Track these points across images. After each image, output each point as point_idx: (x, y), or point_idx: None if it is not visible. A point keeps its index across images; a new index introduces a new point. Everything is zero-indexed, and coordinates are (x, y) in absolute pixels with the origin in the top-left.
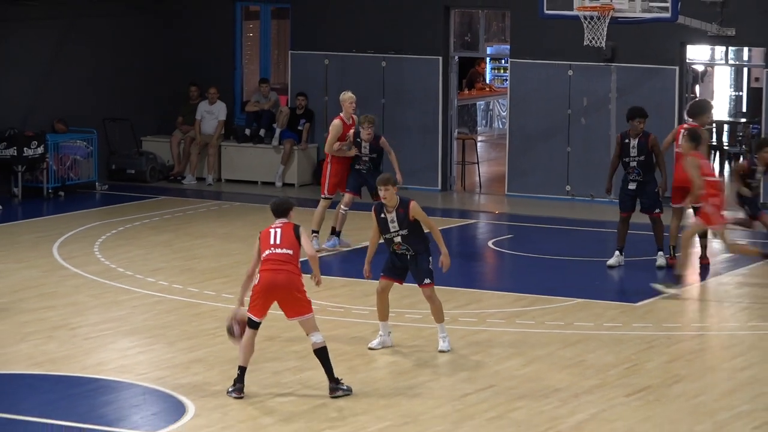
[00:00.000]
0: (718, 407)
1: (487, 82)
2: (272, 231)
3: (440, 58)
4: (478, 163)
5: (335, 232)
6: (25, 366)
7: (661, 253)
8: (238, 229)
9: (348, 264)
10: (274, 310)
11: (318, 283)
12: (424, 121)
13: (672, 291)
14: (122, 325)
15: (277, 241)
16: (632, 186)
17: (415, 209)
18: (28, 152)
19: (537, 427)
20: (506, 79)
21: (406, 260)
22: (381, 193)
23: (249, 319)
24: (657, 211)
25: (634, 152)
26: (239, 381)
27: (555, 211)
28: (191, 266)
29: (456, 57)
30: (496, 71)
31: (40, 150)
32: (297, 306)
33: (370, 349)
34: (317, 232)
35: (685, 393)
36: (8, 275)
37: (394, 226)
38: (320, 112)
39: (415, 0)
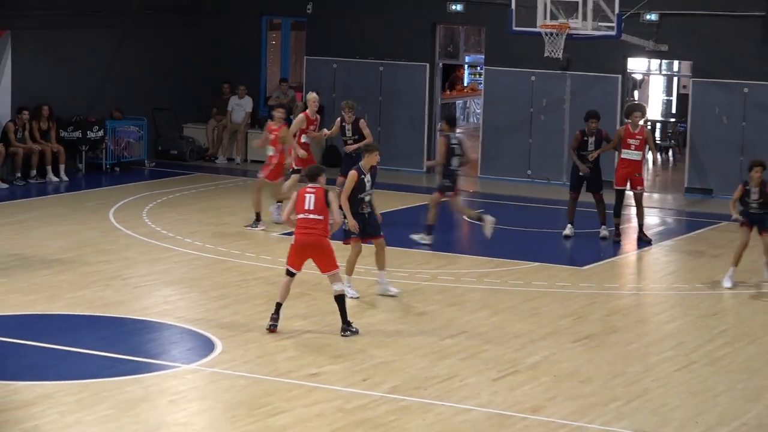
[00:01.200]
0: (647, 352)
1: (465, 85)
2: (307, 196)
3: (427, 64)
4: None
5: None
6: (86, 308)
7: (604, 226)
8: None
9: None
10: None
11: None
12: (413, 116)
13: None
14: (164, 277)
15: (311, 207)
16: (583, 173)
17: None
18: (90, 135)
19: (501, 366)
20: (481, 83)
21: (364, 219)
22: (373, 157)
23: (287, 269)
24: (600, 192)
25: (591, 147)
26: (276, 314)
27: (518, 191)
28: (221, 230)
29: (440, 64)
30: (473, 76)
31: (101, 133)
32: (326, 262)
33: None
34: (281, 202)
35: (621, 341)
36: (73, 235)
37: (369, 186)
38: (329, 106)
39: (408, 17)
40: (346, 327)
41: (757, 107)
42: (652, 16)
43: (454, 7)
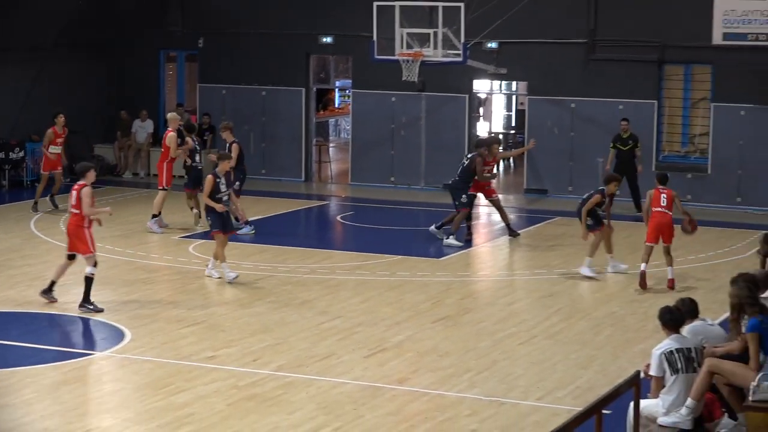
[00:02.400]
0: (495, 330)
1: (336, 105)
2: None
3: (303, 89)
4: (330, 161)
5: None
6: (13, 306)
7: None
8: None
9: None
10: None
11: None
12: (292, 133)
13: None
14: (80, 277)
15: (73, 202)
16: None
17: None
18: (12, 155)
19: (371, 344)
20: (350, 104)
21: (222, 216)
22: (226, 164)
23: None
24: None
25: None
26: (49, 289)
27: (383, 195)
28: (128, 234)
29: (314, 88)
30: (343, 98)
31: (21, 154)
32: (81, 248)
33: (230, 280)
34: (158, 215)
35: (473, 320)
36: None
37: (223, 187)
38: (219, 127)
39: (285, 48)
40: (85, 304)
41: (582, 120)
42: (493, 44)
43: (324, 39)
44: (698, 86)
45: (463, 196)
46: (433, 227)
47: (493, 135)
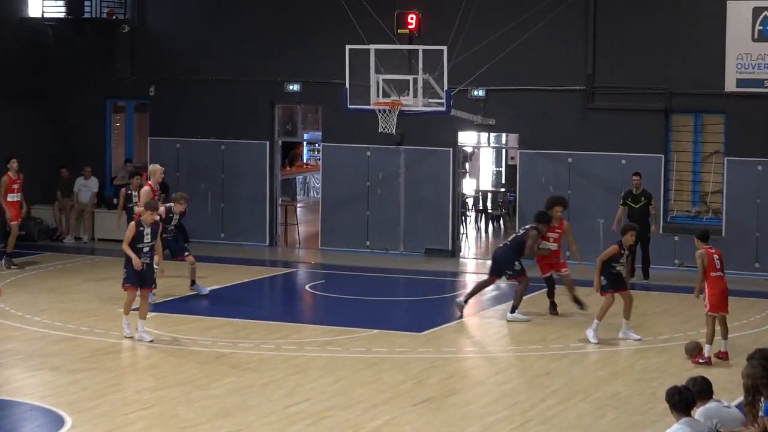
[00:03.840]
0: (484, 413)
1: (305, 160)
2: None
3: (267, 142)
4: (297, 224)
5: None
6: None
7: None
8: (108, 278)
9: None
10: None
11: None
12: (255, 192)
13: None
14: (15, 355)
15: None
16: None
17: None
18: None
19: (345, 431)
20: (319, 159)
21: (143, 269)
22: (151, 215)
23: None
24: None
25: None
26: None
27: (358, 261)
28: (70, 307)
29: (280, 141)
30: (312, 152)
31: None
32: None
33: (126, 336)
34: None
35: (459, 402)
36: None
37: (148, 238)
38: (173, 184)
39: (248, 97)
40: None
41: (581, 175)
42: (480, 92)
43: (291, 87)
44: (710, 138)
45: (516, 263)
46: (460, 298)
47: (557, 196)
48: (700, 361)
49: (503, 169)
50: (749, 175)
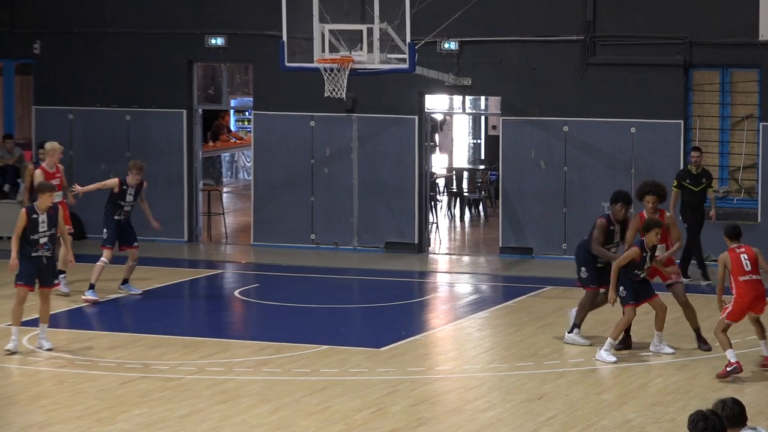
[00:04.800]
0: None
1: (232, 133)
2: None
3: (184, 111)
4: (223, 213)
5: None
6: None
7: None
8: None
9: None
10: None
11: None
12: (169, 173)
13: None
14: None
15: None
16: None
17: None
18: None
19: None
20: (250, 131)
21: (41, 263)
22: (47, 197)
23: None
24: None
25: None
26: None
27: (301, 259)
28: None
29: (200, 110)
30: (241, 123)
31: None
32: None
33: (7, 350)
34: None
35: None
36: None
37: (44, 227)
38: (66, 166)
39: (159, 54)
40: None
41: (580, 148)
42: (452, 45)
43: (213, 41)
44: (741, 99)
45: (582, 268)
46: (571, 310)
47: (652, 182)
48: (728, 369)
49: (482, 142)
50: None
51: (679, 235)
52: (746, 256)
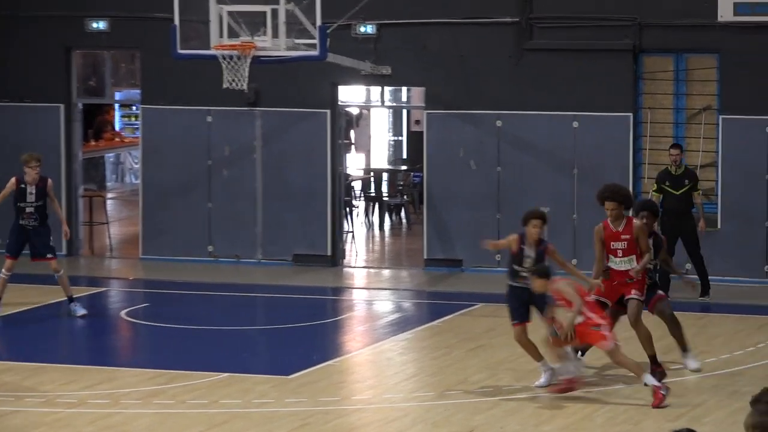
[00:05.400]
0: None
1: (117, 130)
2: None
3: (61, 105)
4: (107, 223)
5: None
6: None
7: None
8: None
9: None
10: None
11: None
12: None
13: None
14: None
15: None
16: None
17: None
18: None
19: None
20: (138, 128)
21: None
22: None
23: None
24: None
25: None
26: None
27: (197, 274)
28: None
29: (80, 104)
30: (127, 119)
31: None
32: None
33: None
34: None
35: None
36: None
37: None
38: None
39: (31, 41)
40: None
41: (515, 146)
42: (368, 28)
43: (95, 24)
44: (698, 88)
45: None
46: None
47: (612, 187)
48: (661, 393)
49: (404, 139)
50: (753, 139)
51: (648, 246)
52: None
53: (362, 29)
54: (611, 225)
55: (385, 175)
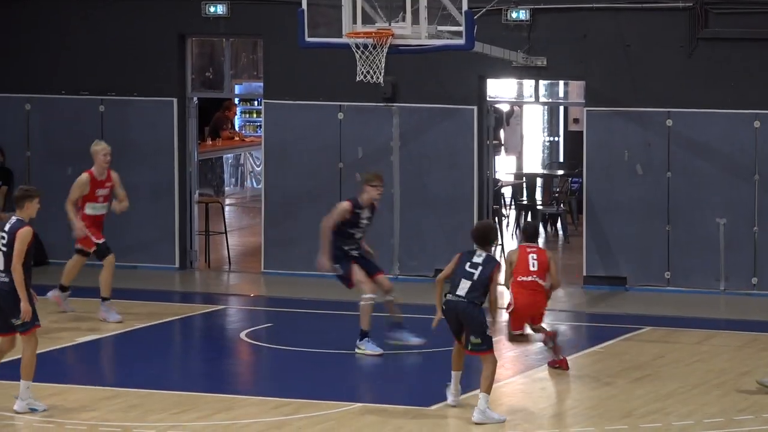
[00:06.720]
0: None
1: (237, 129)
2: None
3: (174, 99)
4: (226, 232)
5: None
6: None
7: None
8: None
9: None
10: None
11: None
12: (155, 180)
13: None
14: None
15: None
16: None
17: None
18: None
19: None
20: (260, 126)
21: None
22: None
23: None
24: None
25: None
26: None
27: (325, 292)
28: None
29: (195, 98)
30: (248, 115)
31: None
32: None
33: None
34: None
35: None
36: None
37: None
38: (21, 171)
39: (142, 28)
40: None
41: (687, 148)
42: (521, 14)
43: (212, 9)
44: None
45: None
46: None
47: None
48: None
49: (561, 139)
50: None
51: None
52: (535, 257)
53: (514, 15)
54: None
55: (539, 181)
